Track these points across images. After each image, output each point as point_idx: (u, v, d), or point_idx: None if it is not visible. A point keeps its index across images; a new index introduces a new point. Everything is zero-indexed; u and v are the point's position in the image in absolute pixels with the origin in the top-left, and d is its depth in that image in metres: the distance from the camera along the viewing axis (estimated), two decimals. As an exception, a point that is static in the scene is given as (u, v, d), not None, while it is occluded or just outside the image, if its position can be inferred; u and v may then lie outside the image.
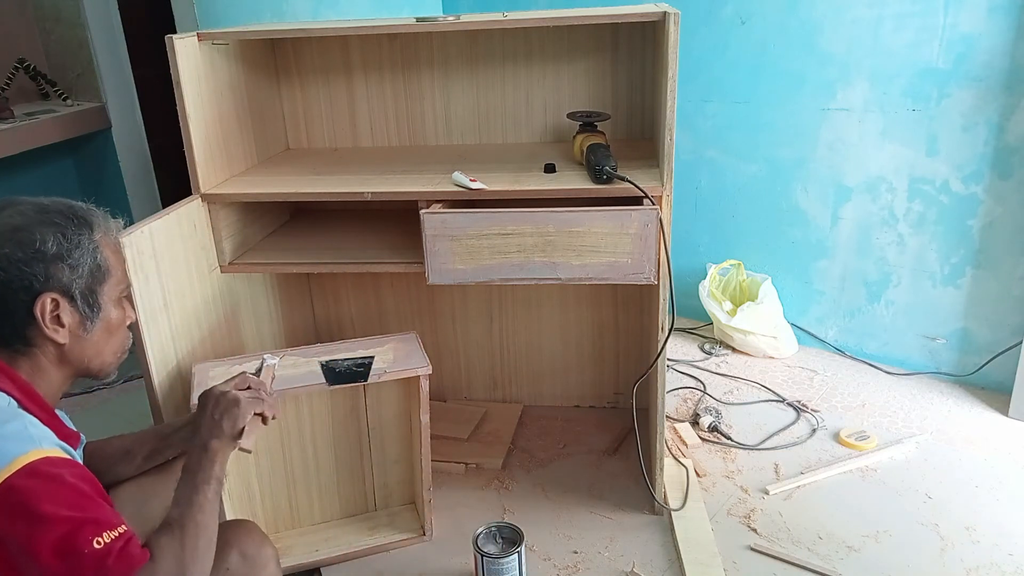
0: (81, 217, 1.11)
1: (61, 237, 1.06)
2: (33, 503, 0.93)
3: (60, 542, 0.93)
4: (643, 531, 1.91)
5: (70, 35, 3.12)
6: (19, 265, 1.03)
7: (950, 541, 1.83)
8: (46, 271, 1.05)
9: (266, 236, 2.14)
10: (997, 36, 2.18)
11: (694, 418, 2.35)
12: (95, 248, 1.11)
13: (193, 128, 1.81)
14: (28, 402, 1.06)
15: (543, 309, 2.38)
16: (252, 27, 2.01)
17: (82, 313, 1.09)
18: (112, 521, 0.98)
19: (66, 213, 1.10)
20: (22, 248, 1.04)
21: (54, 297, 1.06)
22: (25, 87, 3.17)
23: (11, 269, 1.03)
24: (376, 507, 2.00)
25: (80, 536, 0.94)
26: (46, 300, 1.05)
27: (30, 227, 1.05)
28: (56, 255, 1.05)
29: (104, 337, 1.14)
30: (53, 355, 1.10)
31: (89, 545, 0.93)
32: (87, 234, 1.10)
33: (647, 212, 1.62)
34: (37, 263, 1.04)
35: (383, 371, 1.70)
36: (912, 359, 2.60)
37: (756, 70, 2.62)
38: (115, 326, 1.16)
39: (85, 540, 0.94)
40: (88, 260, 1.09)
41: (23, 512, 0.92)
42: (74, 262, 1.07)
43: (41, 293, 1.05)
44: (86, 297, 1.09)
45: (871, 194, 2.52)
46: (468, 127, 2.26)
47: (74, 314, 1.08)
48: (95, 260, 1.10)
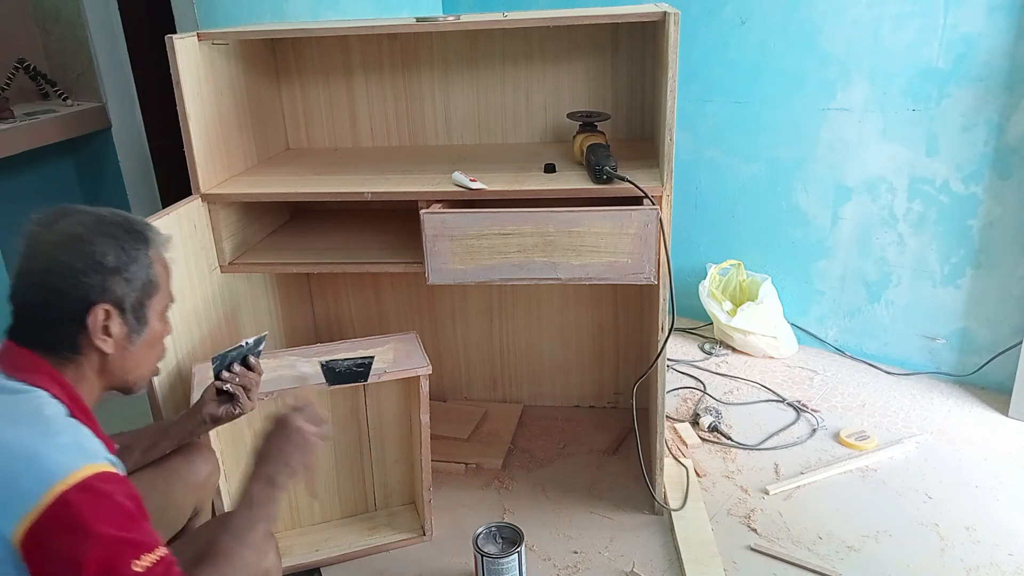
0: (139, 231, 1.12)
1: (120, 250, 1.08)
2: (84, 519, 0.93)
3: (104, 562, 0.93)
4: (643, 531, 1.91)
5: (70, 35, 3.12)
6: (78, 275, 1.04)
7: (950, 541, 1.83)
8: (103, 283, 1.06)
9: (266, 236, 2.14)
10: (997, 36, 2.18)
11: (694, 418, 2.35)
12: (150, 263, 1.12)
13: (193, 128, 1.81)
14: (76, 411, 1.07)
15: (543, 309, 2.38)
16: (252, 27, 2.01)
17: (130, 326, 1.10)
18: (152, 543, 0.98)
19: (125, 227, 1.11)
20: (82, 258, 1.05)
21: (107, 308, 1.07)
22: (25, 87, 3.17)
23: (69, 278, 1.04)
24: (376, 507, 2.00)
25: (123, 558, 0.94)
26: (99, 311, 1.06)
27: (91, 238, 1.06)
28: (114, 268, 1.07)
29: (146, 350, 1.15)
30: (96, 365, 1.10)
31: (129, 568, 0.93)
32: (143, 249, 1.11)
33: (647, 212, 1.62)
34: (95, 274, 1.05)
35: (383, 371, 1.70)
36: (912, 359, 2.60)
37: (756, 70, 2.62)
38: (156, 339, 1.17)
39: (126, 563, 0.94)
40: (142, 275, 1.10)
41: (74, 527, 0.93)
42: (129, 275, 1.08)
43: (95, 304, 1.06)
44: (135, 310, 1.11)
45: (871, 194, 2.52)
46: (468, 127, 2.26)
47: (123, 326, 1.09)
48: (148, 275, 1.11)
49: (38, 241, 1.06)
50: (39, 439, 0.97)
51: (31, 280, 1.05)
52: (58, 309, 1.05)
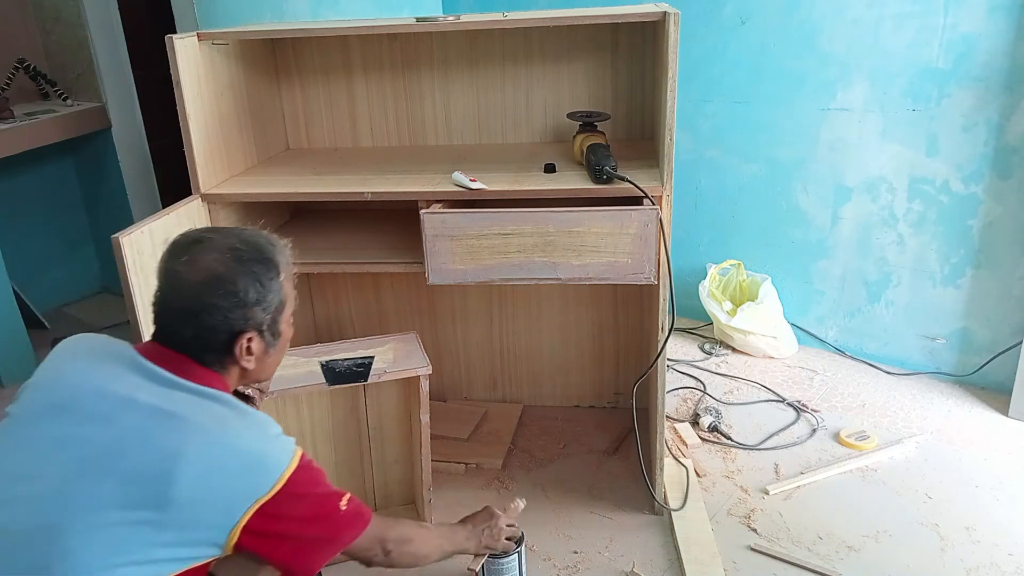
0: (270, 259, 1.21)
1: (259, 285, 1.18)
2: (306, 488, 1.15)
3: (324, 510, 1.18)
4: (643, 531, 1.91)
5: (70, 35, 3.12)
6: (224, 313, 1.15)
7: (950, 541, 1.83)
8: (245, 315, 1.17)
9: (266, 236, 2.14)
10: (997, 36, 2.18)
11: (694, 418, 2.35)
12: (280, 287, 1.23)
13: (193, 128, 1.81)
14: None
15: (543, 309, 2.38)
16: (252, 27, 2.01)
17: (267, 342, 1.22)
18: (342, 490, 1.22)
19: (259, 259, 1.20)
20: (227, 298, 1.15)
21: (250, 336, 1.18)
22: (25, 87, 3.17)
23: (217, 315, 1.15)
24: (376, 507, 2.00)
25: (334, 503, 1.19)
26: (243, 340, 1.18)
27: (233, 278, 1.16)
28: (255, 301, 1.17)
29: (278, 355, 1.28)
30: (238, 374, 1.23)
31: (338, 509, 1.19)
32: (276, 277, 1.22)
33: (647, 212, 1.62)
34: (239, 309, 1.16)
35: (383, 371, 1.71)
36: (912, 359, 2.60)
37: (756, 70, 2.62)
38: (286, 343, 1.30)
39: (336, 506, 1.19)
40: (276, 299, 1.22)
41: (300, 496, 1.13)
42: (267, 305, 1.20)
43: (242, 333, 1.17)
44: (271, 328, 1.22)
45: (871, 194, 2.52)
46: (468, 127, 2.26)
47: (261, 344, 1.21)
48: (280, 296, 1.23)
49: (182, 280, 1.15)
50: (259, 437, 1.13)
51: (179, 315, 1.15)
52: (207, 339, 1.16)
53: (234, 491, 1.07)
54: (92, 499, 1.02)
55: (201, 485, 1.04)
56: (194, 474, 1.04)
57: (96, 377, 1.11)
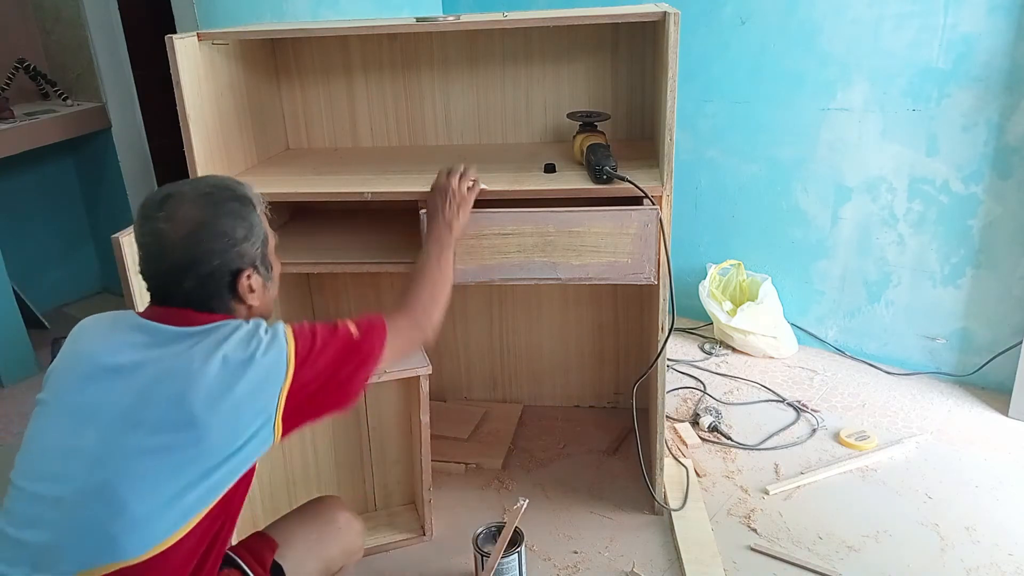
0: (243, 196, 1.24)
1: (243, 221, 1.20)
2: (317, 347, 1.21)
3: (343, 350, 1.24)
4: (643, 531, 1.91)
5: (70, 35, 3.12)
6: (220, 256, 1.17)
7: (950, 541, 1.83)
8: (240, 254, 1.20)
9: (266, 236, 2.14)
10: (997, 36, 2.18)
11: (694, 418, 2.35)
12: (260, 220, 1.25)
13: (193, 128, 1.81)
14: None
15: (543, 309, 2.38)
16: (252, 27, 2.01)
17: (263, 277, 1.25)
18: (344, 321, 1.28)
19: (233, 197, 1.22)
20: (218, 241, 1.17)
21: (249, 272, 1.21)
22: (25, 87, 3.17)
23: (214, 261, 1.17)
24: (376, 507, 2.00)
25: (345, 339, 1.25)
26: (244, 276, 1.21)
27: (217, 221, 1.18)
28: (243, 237, 1.20)
29: (275, 289, 1.32)
30: (244, 313, 1.25)
31: (351, 340, 1.25)
32: (254, 211, 1.24)
33: (647, 212, 1.62)
34: (233, 250, 1.19)
35: (383, 371, 1.70)
36: (912, 359, 2.60)
37: (756, 70, 2.62)
38: (278, 276, 1.33)
39: (349, 340, 1.25)
40: (260, 232, 1.24)
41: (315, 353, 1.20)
42: (255, 238, 1.22)
43: (241, 271, 1.20)
44: (264, 262, 1.25)
45: (871, 194, 2.52)
46: (468, 127, 2.26)
47: (259, 279, 1.24)
48: (263, 231, 1.25)
49: (167, 237, 1.16)
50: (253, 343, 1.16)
51: (176, 271, 1.16)
52: (210, 286, 1.18)
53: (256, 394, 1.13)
54: (130, 450, 1.07)
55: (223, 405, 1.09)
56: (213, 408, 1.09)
57: (109, 346, 1.15)
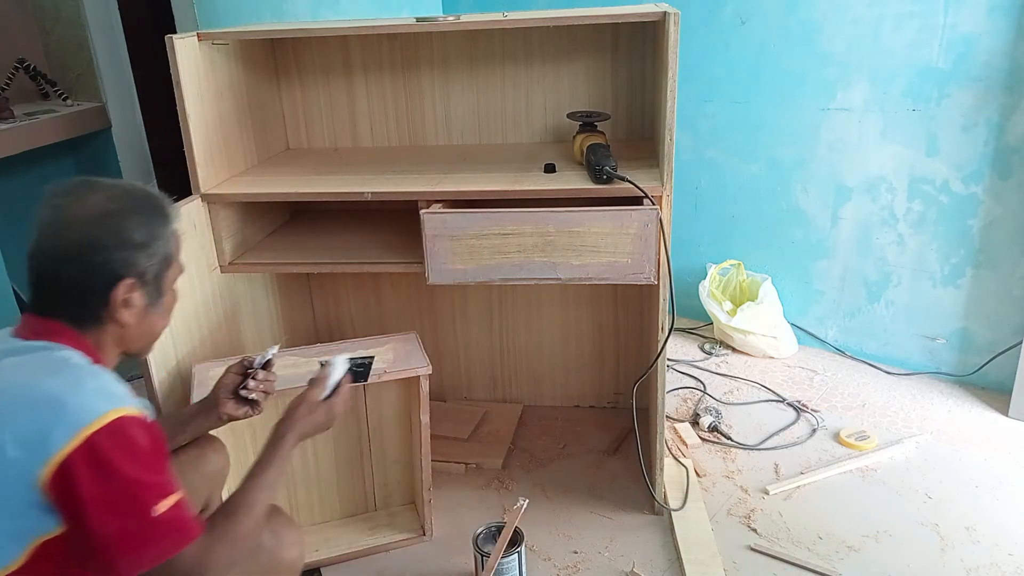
0: (161, 207, 1.15)
1: (147, 227, 1.11)
2: (110, 461, 0.97)
3: (125, 503, 0.98)
4: (643, 531, 1.91)
5: (70, 35, 3.12)
6: (107, 251, 1.07)
7: (950, 541, 1.83)
8: (129, 258, 1.09)
9: (266, 236, 2.14)
10: (997, 36, 2.18)
11: (694, 418, 2.35)
12: (169, 238, 1.16)
13: (193, 128, 1.81)
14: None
15: (543, 309, 2.38)
16: (252, 27, 2.01)
17: (148, 298, 1.14)
18: (171, 487, 1.03)
19: (151, 203, 1.14)
20: (113, 235, 1.08)
21: (131, 282, 1.10)
22: (25, 87, 3.17)
23: (99, 254, 1.07)
24: (376, 507, 2.00)
25: (143, 500, 0.99)
26: (123, 285, 1.09)
27: (123, 215, 1.09)
28: (140, 244, 1.10)
29: (158, 319, 1.19)
30: (115, 335, 1.13)
31: (148, 511, 0.99)
32: (166, 224, 1.15)
33: (647, 212, 1.62)
34: (123, 250, 1.08)
35: (383, 371, 1.70)
36: (912, 359, 2.60)
37: (756, 70, 2.62)
38: (168, 309, 1.22)
39: (147, 505, 0.99)
40: (163, 249, 1.14)
41: (100, 468, 0.96)
42: (152, 251, 1.12)
43: (121, 278, 1.09)
44: (155, 282, 1.15)
45: (871, 194, 2.52)
46: (468, 127, 2.26)
47: (142, 298, 1.13)
48: (167, 249, 1.15)
49: (66, 216, 1.07)
50: (67, 386, 1.00)
51: (59, 255, 1.07)
52: (85, 283, 1.08)
53: (30, 437, 0.95)
54: None
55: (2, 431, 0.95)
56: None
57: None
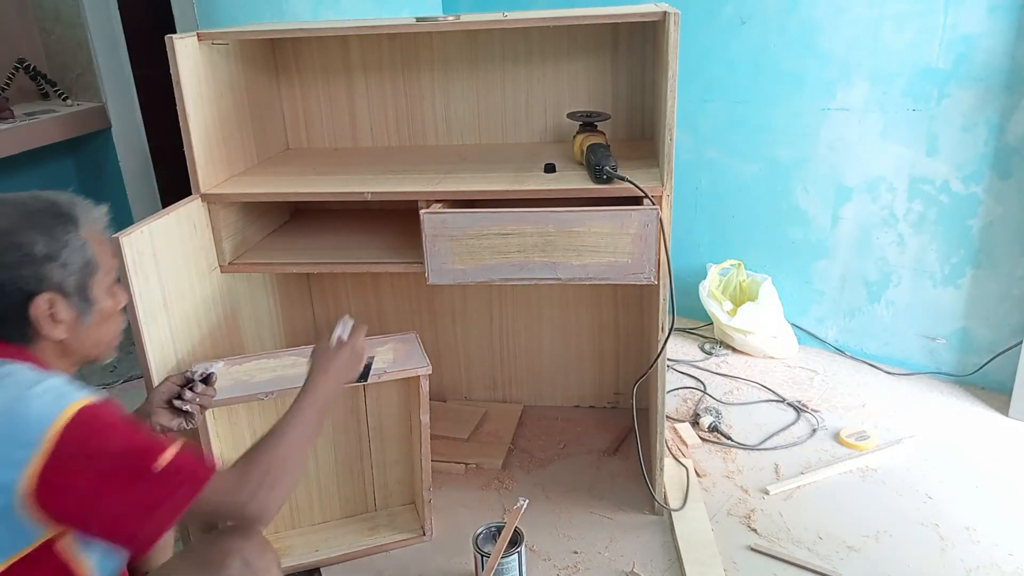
0: (66, 214, 1.10)
1: (49, 238, 1.07)
2: (92, 445, 0.97)
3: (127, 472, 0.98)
4: (643, 531, 1.91)
5: (70, 35, 3.12)
6: (10, 269, 1.04)
7: (950, 541, 1.83)
8: (37, 273, 1.06)
9: (266, 236, 2.14)
10: (997, 36, 2.18)
11: (694, 418, 2.35)
12: (83, 244, 1.11)
13: (193, 128, 1.81)
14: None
15: (543, 309, 2.38)
16: (252, 27, 2.01)
17: (77, 309, 1.11)
18: (162, 445, 1.03)
19: (51, 212, 1.09)
20: (10, 252, 1.04)
21: (49, 297, 1.07)
22: (25, 87, 3.17)
23: (2, 273, 1.04)
24: (376, 507, 2.00)
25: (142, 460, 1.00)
26: (40, 301, 1.06)
27: (17, 230, 1.05)
28: (46, 256, 1.06)
29: (100, 327, 1.16)
30: (56, 349, 1.12)
31: (149, 469, 0.99)
32: (73, 231, 1.10)
33: (647, 212, 1.62)
34: (27, 266, 1.05)
35: (383, 371, 1.70)
36: (912, 359, 2.60)
37: (756, 70, 2.62)
38: (108, 314, 1.17)
39: (145, 465, 0.99)
40: (78, 257, 1.10)
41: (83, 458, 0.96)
42: (64, 261, 1.08)
43: (35, 295, 1.06)
44: (80, 292, 1.11)
45: (871, 194, 2.52)
46: (468, 127, 2.26)
47: (70, 310, 1.10)
48: (84, 256, 1.11)
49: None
50: (18, 397, 0.98)
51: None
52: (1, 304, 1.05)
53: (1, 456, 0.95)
54: None
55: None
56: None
57: None
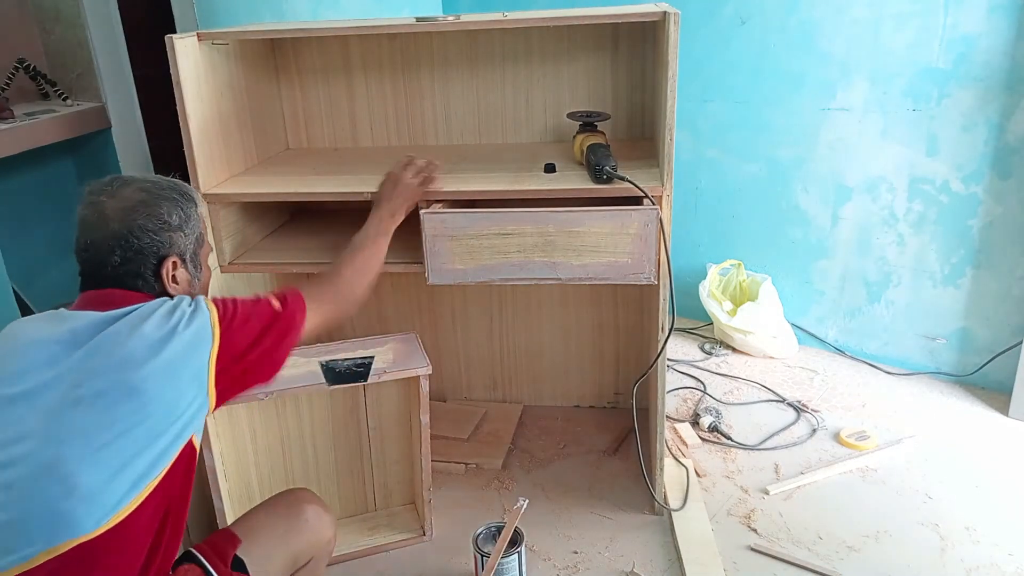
0: (187, 193, 1.32)
1: (180, 211, 1.28)
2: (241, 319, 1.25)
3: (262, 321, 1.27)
4: (643, 531, 1.91)
5: (70, 35, 3.11)
6: (151, 234, 1.24)
7: (950, 541, 1.83)
8: (171, 239, 1.26)
9: (266, 236, 2.14)
10: (997, 36, 2.18)
11: (694, 418, 2.35)
12: (199, 220, 1.33)
13: (193, 128, 1.81)
14: None
15: (543, 309, 2.38)
16: (252, 27, 2.01)
17: (191, 272, 1.31)
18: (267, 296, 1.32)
19: (177, 190, 1.31)
20: (153, 220, 1.24)
21: (175, 260, 1.27)
22: (25, 87, 3.17)
23: (144, 238, 1.23)
24: (376, 507, 2.00)
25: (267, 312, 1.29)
26: (169, 263, 1.26)
27: (157, 202, 1.26)
28: (177, 226, 1.27)
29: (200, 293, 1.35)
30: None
31: (274, 312, 1.29)
32: (194, 208, 1.32)
33: (647, 212, 1.62)
34: (165, 232, 1.26)
35: (383, 371, 1.71)
36: (912, 359, 2.60)
37: (756, 70, 2.62)
38: (206, 283, 1.39)
39: (271, 312, 1.29)
40: (196, 229, 1.32)
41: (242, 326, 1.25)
42: (188, 231, 1.30)
43: (167, 256, 1.26)
44: (193, 259, 1.32)
45: (871, 194, 2.52)
46: (468, 127, 2.26)
47: (185, 274, 1.30)
48: (199, 229, 1.33)
49: (107, 209, 1.23)
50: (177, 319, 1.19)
51: (106, 244, 1.22)
52: (136, 264, 1.24)
53: (188, 358, 1.17)
54: (75, 427, 1.09)
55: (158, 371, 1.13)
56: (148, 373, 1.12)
57: (35, 340, 1.17)
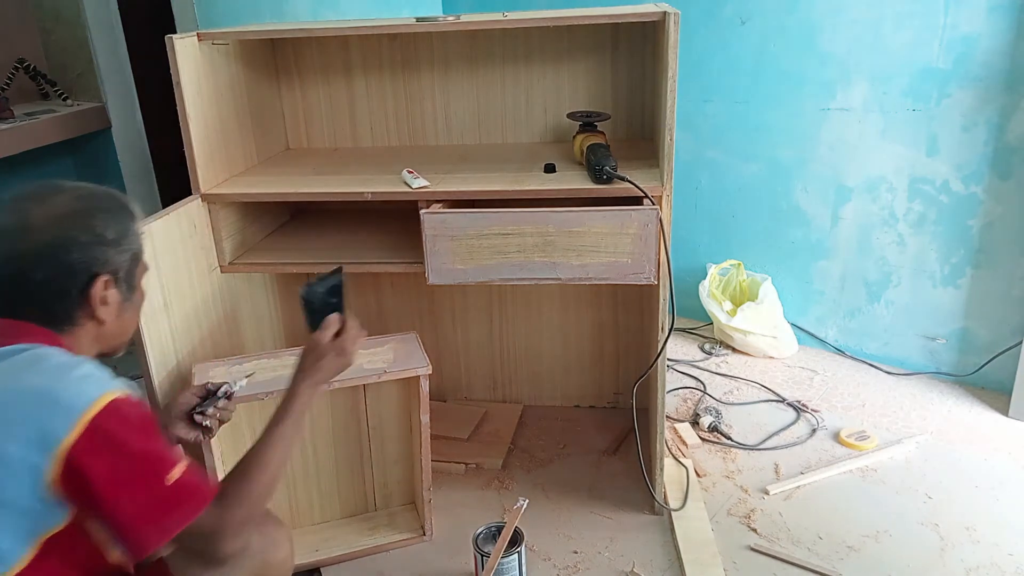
0: (127, 205, 1.17)
1: (118, 224, 1.12)
2: (117, 440, 0.99)
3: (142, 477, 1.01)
4: (643, 531, 1.91)
5: (70, 35, 3.12)
6: (83, 249, 1.08)
7: (950, 541, 1.83)
8: (104, 255, 1.10)
9: (266, 236, 2.14)
10: (997, 36, 2.18)
11: (694, 418, 2.35)
12: (137, 235, 1.17)
13: (193, 128, 1.81)
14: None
15: (543, 309, 2.38)
16: (252, 27, 2.01)
17: (123, 294, 1.15)
18: (175, 458, 1.05)
19: (115, 201, 1.15)
20: (86, 233, 1.08)
21: (107, 279, 1.11)
22: (25, 87, 3.17)
23: (75, 252, 1.07)
24: (376, 507, 2.00)
25: (157, 472, 1.02)
26: (100, 282, 1.10)
27: (92, 212, 1.10)
28: (114, 240, 1.11)
29: (132, 316, 1.21)
30: (91, 334, 1.14)
31: (163, 481, 1.02)
32: (132, 221, 1.16)
33: (647, 212, 1.62)
34: (98, 247, 1.09)
35: (383, 371, 1.71)
36: (912, 359, 2.60)
37: (756, 70, 2.62)
38: (140, 305, 1.23)
39: (160, 475, 1.02)
40: (134, 245, 1.16)
41: (110, 448, 0.99)
42: (124, 247, 1.13)
43: (98, 275, 1.10)
44: (128, 279, 1.16)
45: (871, 194, 2.52)
46: (468, 127, 2.26)
47: (117, 295, 1.14)
48: (136, 246, 1.17)
49: (34, 217, 1.06)
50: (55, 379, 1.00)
51: (32, 257, 1.05)
52: (62, 282, 1.07)
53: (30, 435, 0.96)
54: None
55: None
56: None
57: None
